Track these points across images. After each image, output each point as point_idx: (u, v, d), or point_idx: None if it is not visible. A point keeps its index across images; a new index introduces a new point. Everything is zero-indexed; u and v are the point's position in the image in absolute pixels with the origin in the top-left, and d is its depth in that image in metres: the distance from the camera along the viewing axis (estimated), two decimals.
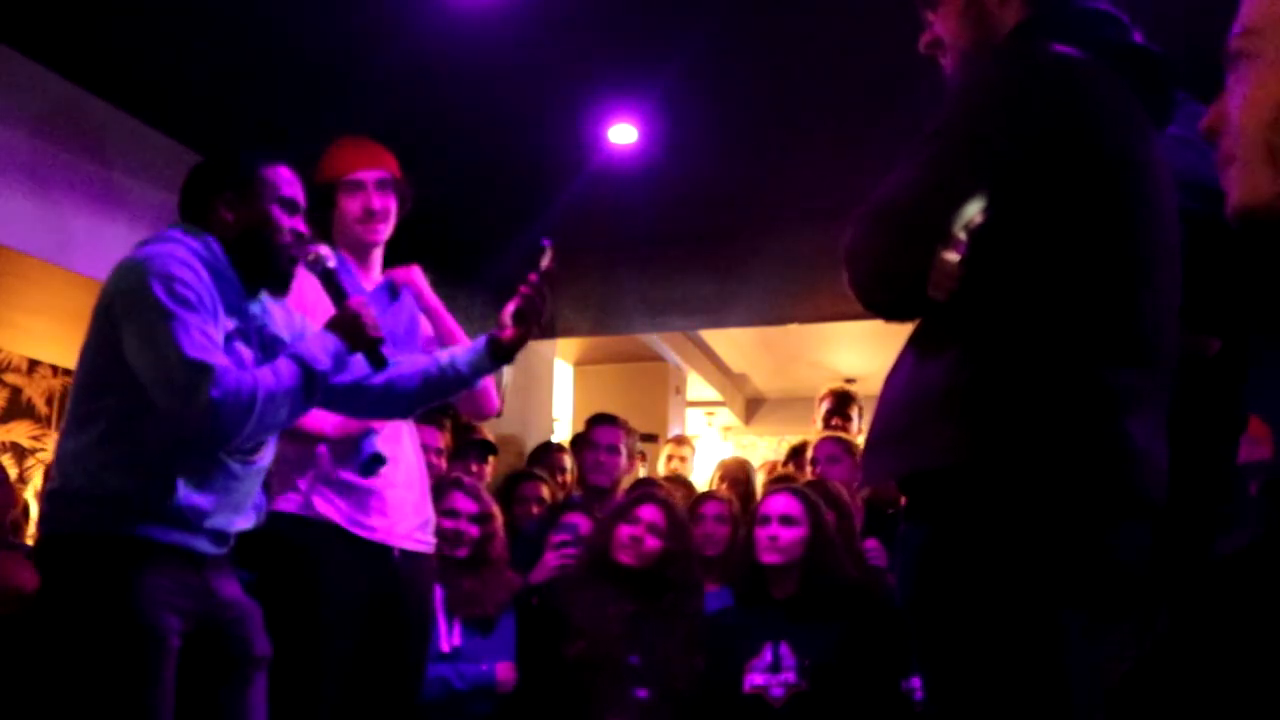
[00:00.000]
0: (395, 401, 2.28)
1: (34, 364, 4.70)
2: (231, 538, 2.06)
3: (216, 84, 3.18)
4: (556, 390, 6.39)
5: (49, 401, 4.75)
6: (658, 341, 6.77)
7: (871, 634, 2.99)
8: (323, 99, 3.20)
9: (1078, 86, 1.33)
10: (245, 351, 2.04)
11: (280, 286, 2.12)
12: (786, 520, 3.10)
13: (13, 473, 4.45)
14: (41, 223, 3.10)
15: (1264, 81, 0.88)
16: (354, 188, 2.58)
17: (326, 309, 2.17)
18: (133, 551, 1.89)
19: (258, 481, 2.11)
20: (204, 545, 1.99)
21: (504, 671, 3.08)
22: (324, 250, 2.16)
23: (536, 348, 5.92)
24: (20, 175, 3.03)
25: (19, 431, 4.66)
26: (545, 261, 2.26)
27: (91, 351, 1.98)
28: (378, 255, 2.67)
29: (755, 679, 2.97)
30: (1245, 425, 1.82)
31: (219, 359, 1.88)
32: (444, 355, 2.30)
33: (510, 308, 2.25)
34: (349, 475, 2.48)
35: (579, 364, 7.10)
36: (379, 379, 2.21)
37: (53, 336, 4.38)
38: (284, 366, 1.97)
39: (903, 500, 3.40)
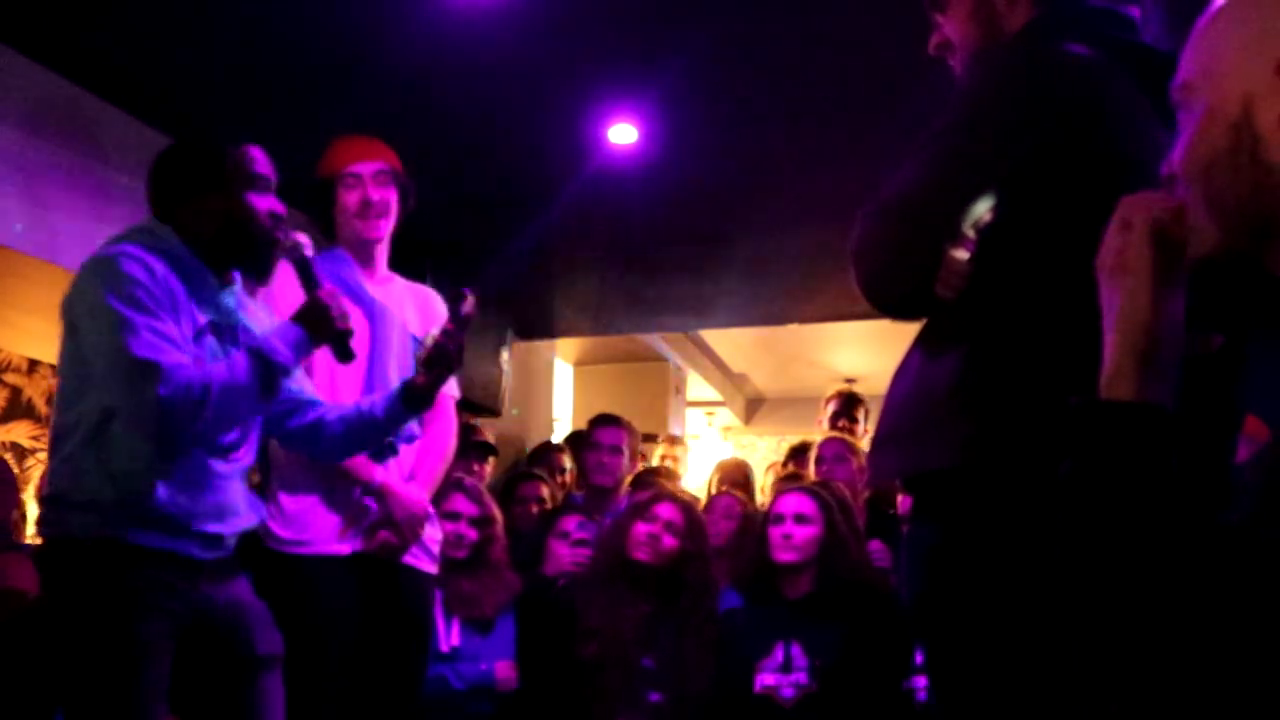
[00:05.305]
0: (321, 443, 2.23)
1: (34, 364, 4.69)
2: (229, 539, 2.03)
3: (213, 81, 3.17)
4: (556, 390, 6.39)
5: (49, 401, 4.74)
6: (658, 341, 6.76)
7: (880, 635, 2.98)
8: (322, 98, 3.19)
9: (1088, 85, 1.32)
10: (215, 345, 2.01)
11: (263, 273, 2.09)
12: (801, 519, 3.10)
13: None
14: (37, 221, 3.08)
15: (1196, 136, 0.90)
16: (351, 181, 2.55)
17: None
18: (122, 556, 1.88)
19: (243, 480, 2.09)
20: (196, 550, 1.95)
21: (503, 671, 3.07)
22: (302, 238, 2.12)
23: (537, 348, 5.92)
24: (14, 173, 3.00)
25: (19, 431, 4.66)
26: (466, 309, 2.22)
27: (64, 359, 1.97)
28: (381, 253, 2.63)
29: (766, 679, 2.96)
30: (1242, 423, 1.81)
31: (168, 357, 1.85)
32: (365, 400, 2.27)
33: (422, 354, 2.21)
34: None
35: (579, 364, 7.09)
36: (309, 418, 2.19)
37: (52, 336, 4.34)
38: (239, 360, 1.94)
39: (902, 499, 3.39)
